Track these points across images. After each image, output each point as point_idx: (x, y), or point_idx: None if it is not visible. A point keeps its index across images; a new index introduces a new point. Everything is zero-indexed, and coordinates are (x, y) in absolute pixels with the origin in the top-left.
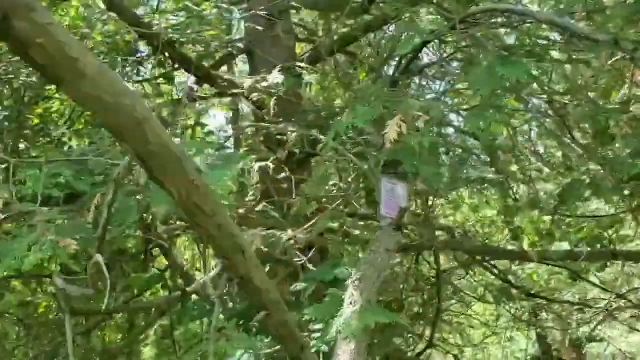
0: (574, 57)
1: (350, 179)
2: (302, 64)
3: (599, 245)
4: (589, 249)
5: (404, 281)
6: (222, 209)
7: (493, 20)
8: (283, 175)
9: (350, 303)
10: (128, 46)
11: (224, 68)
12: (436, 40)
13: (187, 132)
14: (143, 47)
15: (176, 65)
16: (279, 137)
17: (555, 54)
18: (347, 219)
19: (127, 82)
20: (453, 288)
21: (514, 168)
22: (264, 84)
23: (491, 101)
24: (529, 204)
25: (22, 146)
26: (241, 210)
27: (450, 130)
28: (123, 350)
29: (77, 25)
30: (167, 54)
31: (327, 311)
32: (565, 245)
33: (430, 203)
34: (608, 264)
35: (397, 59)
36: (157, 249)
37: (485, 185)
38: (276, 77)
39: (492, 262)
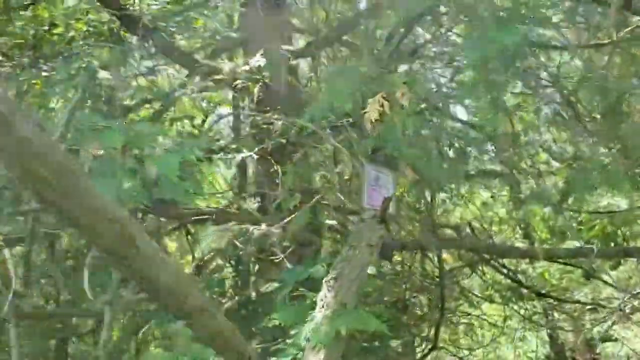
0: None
1: (337, 169)
2: (288, 47)
3: (612, 244)
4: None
5: (407, 281)
6: (88, 183)
7: None
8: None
9: (322, 306)
10: (112, 34)
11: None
12: (429, 18)
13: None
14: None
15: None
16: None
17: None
18: (335, 212)
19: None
20: (460, 288)
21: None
22: (245, 67)
23: (483, 74)
24: (534, 197)
25: None
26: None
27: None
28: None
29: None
30: (151, 41)
31: (298, 315)
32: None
33: (430, 198)
34: (621, 261)
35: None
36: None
37: (488, 178)
38: (258, 60)
39: (501, 261)
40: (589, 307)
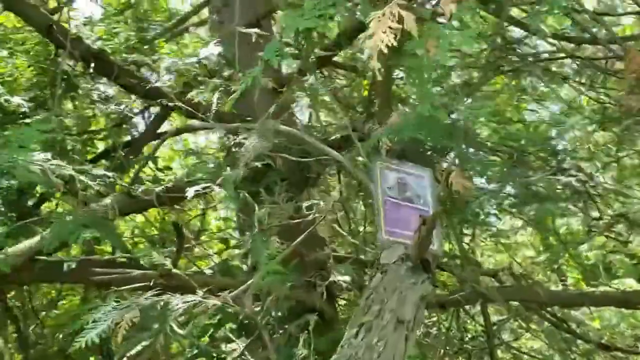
0: None
1: (336, 193)
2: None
3: None
4: None
5: (445, 343)
6: None
7: None
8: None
9: None
10: (55, 64)
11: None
12: None
13: None
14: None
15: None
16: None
17: None
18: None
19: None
20: (505, 345)
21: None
22: (191, 60)
23: None
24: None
25: None
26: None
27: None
28: None
29: None
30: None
31: None
32: None
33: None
34: None
35: None
36: None
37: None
38: (210, 50)
39: (550, 310)
40: None
